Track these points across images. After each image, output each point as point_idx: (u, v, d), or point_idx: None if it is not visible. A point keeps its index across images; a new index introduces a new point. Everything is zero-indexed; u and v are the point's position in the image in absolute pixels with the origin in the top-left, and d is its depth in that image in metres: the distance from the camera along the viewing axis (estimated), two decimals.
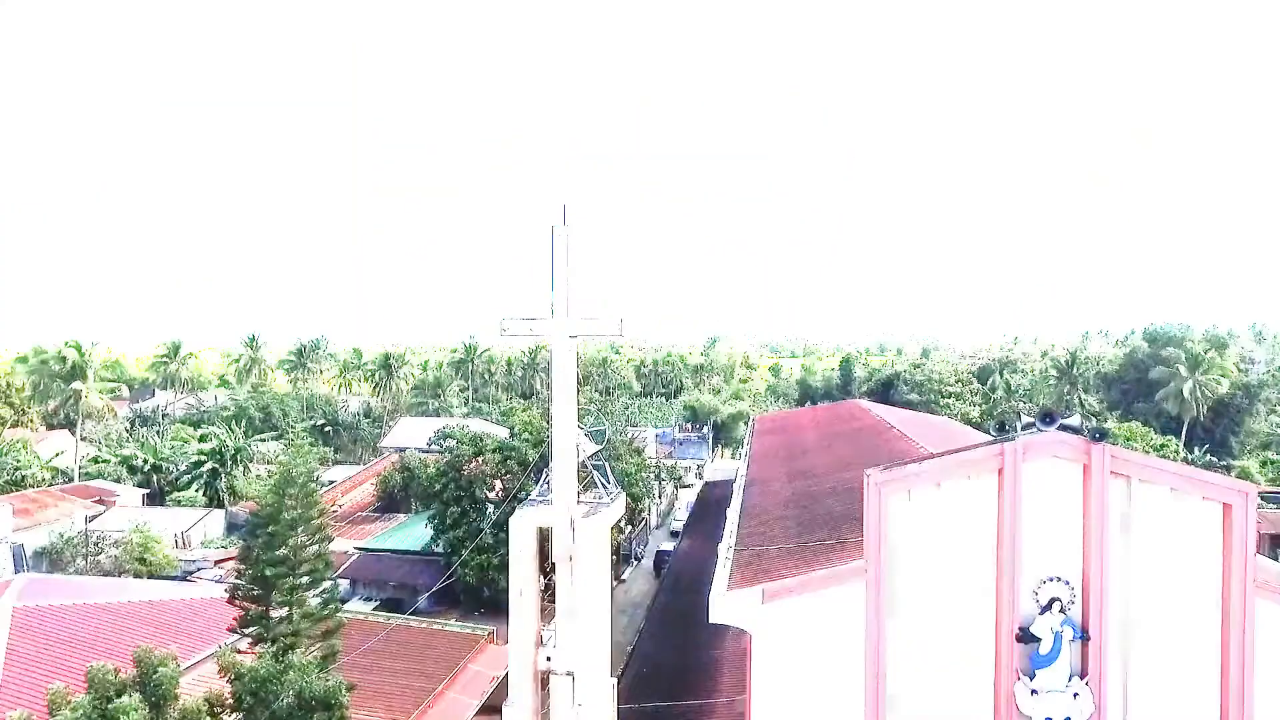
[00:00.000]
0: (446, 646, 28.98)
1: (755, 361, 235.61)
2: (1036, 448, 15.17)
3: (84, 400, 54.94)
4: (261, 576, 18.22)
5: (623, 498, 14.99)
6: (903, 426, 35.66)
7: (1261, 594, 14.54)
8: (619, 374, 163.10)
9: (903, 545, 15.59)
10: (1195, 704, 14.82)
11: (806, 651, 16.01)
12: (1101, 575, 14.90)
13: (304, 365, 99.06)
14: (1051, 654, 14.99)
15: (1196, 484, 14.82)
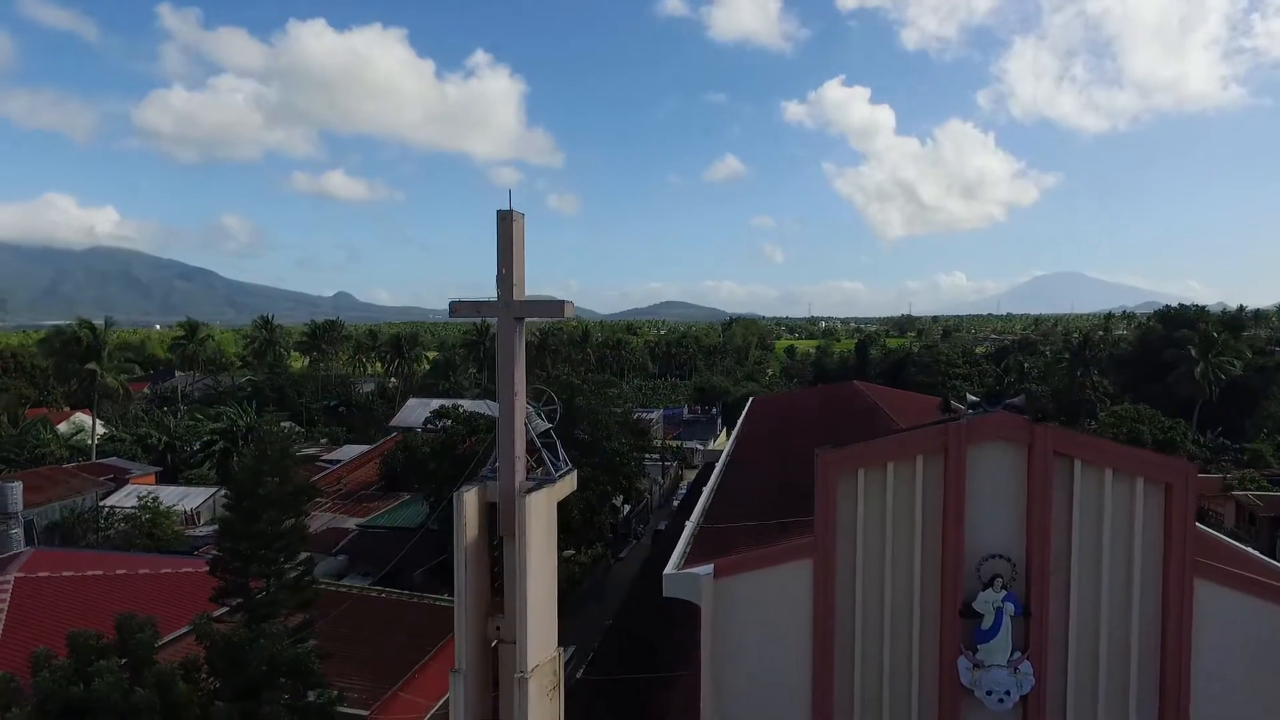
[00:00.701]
0: (435, 620, 29.71)
1: (773, 343, 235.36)
2: (981, 429, 15.40)
3: (99, 380, 56.48)
4: (238, 549, 18.99)
5: (573, 474, 15.43)
6: (893, 409, 35.77)
7: (1200, 575, 14.70)
8: (633, 355, 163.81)
9: (852, 523, 15.93)
10: (1136, 681, 15.07)
11: (756, 626, 16.46)
12: (1044, 553, 15.15)
13: (318, 346, 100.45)
14: (993, 629, 15.30)
15: (1138, 465, 14.97)
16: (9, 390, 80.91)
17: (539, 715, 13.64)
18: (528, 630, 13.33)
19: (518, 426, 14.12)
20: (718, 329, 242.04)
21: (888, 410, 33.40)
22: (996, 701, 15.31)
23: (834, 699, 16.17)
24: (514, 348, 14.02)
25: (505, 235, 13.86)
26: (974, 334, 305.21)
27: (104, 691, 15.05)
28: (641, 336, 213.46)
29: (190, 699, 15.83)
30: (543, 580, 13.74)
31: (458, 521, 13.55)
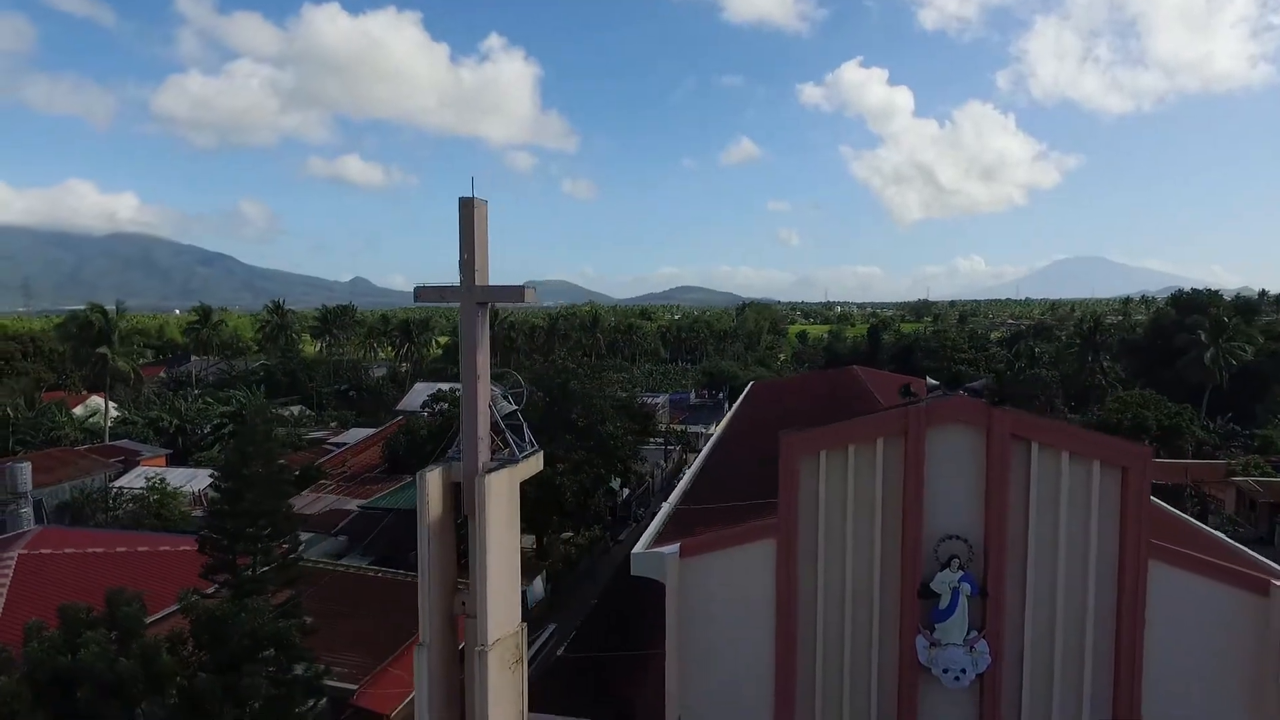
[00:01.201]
0: None
1: (786, 328, 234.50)
2: (940, 412, 15.61)
3: (111, 364, 57.59)
4: (224, 527, 19.59)
5: (538, 456, 15.78)
6: (885, 394, 35.85)
7: (1154, 556, 14.88)
8: (645, 340, 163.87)
9: (814, 504, 16.23)
10: (1091, 659, 15.31)
11: (721, 604, 16.86)
12: (1001, 535, 15.40)
13: (330, 331, 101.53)
14: (949, 609, 15.59)
15: (1095, 448, 15.13)
16: (27, 374, 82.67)
17: (500, 687, 14.09)
18: (488, 605, 13.75)
19: (481, 409, 14.49)
20: (731, 314, 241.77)
21: (878, 395, 33.57)
22: (953, 679, 15.63)
23: (796, 674, 16.56)
24: (476, 332, 14.36)
25: (467, 222, 14.15)
26: (991, 319, 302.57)
27: (90, 661, 15.68)
28: (655, 321, 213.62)
29: (173, 670, 16.44)
30: (503, 557, 14.14)
31: (420, 500, 13.97)
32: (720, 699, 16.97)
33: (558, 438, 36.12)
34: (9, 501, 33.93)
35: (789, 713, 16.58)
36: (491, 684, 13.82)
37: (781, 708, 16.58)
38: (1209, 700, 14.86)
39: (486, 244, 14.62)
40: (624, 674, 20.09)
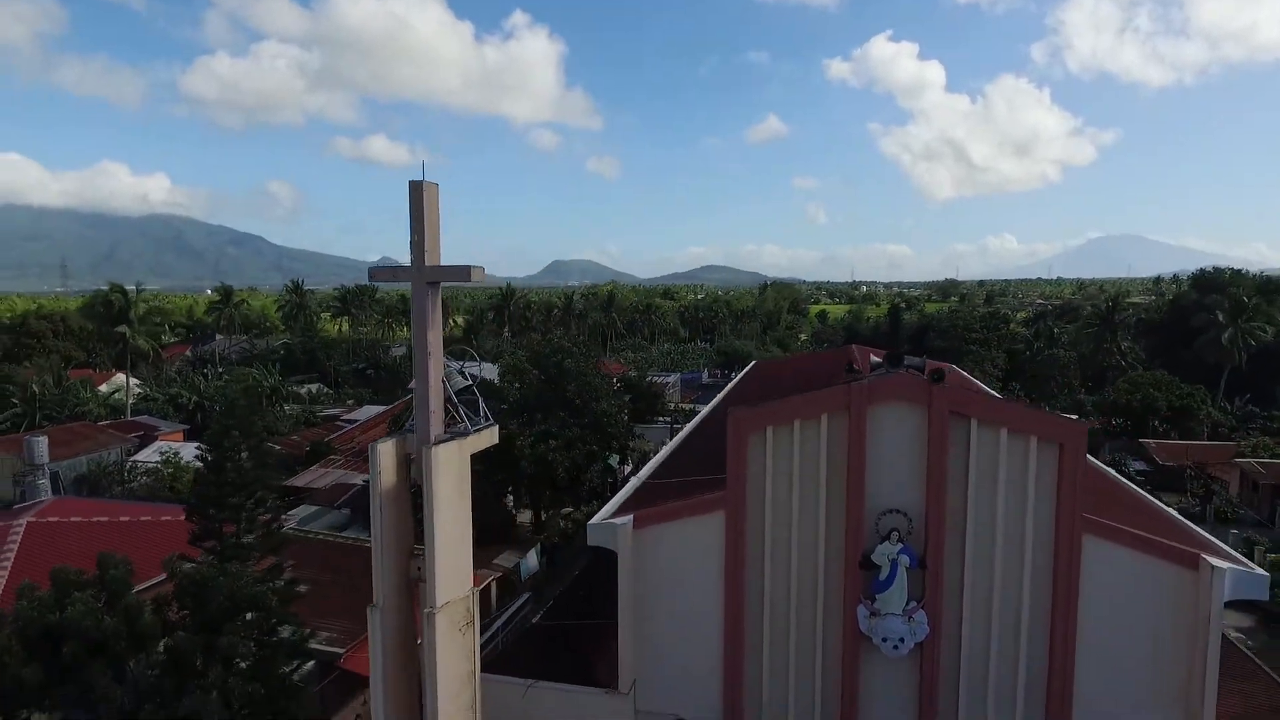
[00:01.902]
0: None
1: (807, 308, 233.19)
2: (881, 389, 15.97)
3: (131, 342, 59.39)
4: (209, 496, 20.59)
5: (492, 429, 16.43)
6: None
7: (1089, 531, 15.19)
8: (664, 319, 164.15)
9: (762, 478, 16.73)
10: (1027, 630, 15.70)
11: (673, 573, 17.49)
12: (940, 509, 15.78)
13: (348, 310, 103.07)
14: (888, 580, 16.05)
15: (1032, 424, 15.41)
16: (55, 352, 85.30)
17: (450, 647, 14.85)
18: (435, 569, 14.49)
19: (432, 384, 15.14)
20: (754, 294, 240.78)
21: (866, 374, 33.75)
22: (891, 648, 16.14)
23: (745, 642, 17.17)
24: (427, 310, 14.98)
25: (417, 204, 14.71)
26: (1020, 298, 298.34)
27: (76, 619, 16.73)
28: (678, 300, 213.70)
29: (155, 628, 17.44)
30: (452, 524, 14.83)
31: (373, 470, 14.69)
32: (672, 665, 17.64)
33: (552, 415, 36.86)
34: (27, 473, 35.51)
35: (738, 679, 17.21)
36: (440, 644, 14.59)
37: (730, 674, 17.21)
38: (1142, 672, 15.19)
39: (438, 225, 15.20)
40: (591, 641, 20.80)
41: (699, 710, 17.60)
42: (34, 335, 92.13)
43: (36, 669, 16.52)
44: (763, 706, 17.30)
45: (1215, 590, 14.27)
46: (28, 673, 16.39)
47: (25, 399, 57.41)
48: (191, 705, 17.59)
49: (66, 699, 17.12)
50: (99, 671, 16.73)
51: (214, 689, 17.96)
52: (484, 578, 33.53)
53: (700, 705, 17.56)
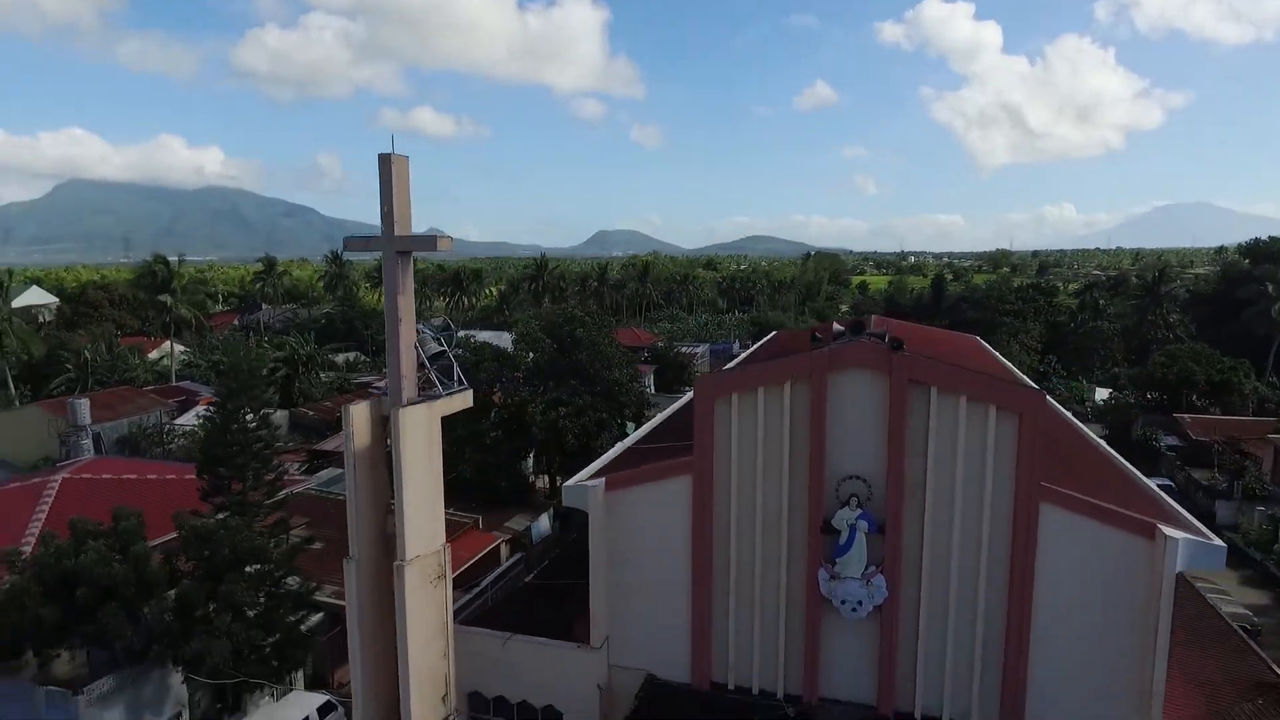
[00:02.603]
0: None
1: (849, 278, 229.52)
2: (843, 357, 16.14)
3: (173, 311, 61.90)
4: (214, 454, 21.81)
5: (466, 393, 17.10)
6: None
7: (1045, 499, 15.24)
8: (701, 290, 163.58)
9: (729, 443, 17.09)
10: (984, 596, 15.88)
11: (644, 533, 18.04)
12: (900, 476, 15.97)
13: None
14: (847, 545, 16.36)
15: (991, 393, 15.44)
16: (111, 320, 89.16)
17: (420, 598, 15.70)
18: (405, 525, 15.30)
19: (403, 350, 15.82)
20: (798, 264, 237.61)
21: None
22: (850, 610, 16.49)
23: (712, 602, 17.70)
24: (397, 278, 15.62)
25: (386, 176, 15.30)
26: (1075, 269, 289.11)
27: (89, 565, 18.10)
28: (720, 271, 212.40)
29: (161, 576, 18.74)
30: (421, 482, 15.59)
31: (346, 431, 15.50)
32: (644, 623, 18.27)
33: (563, 383, 37.55)
34: (71, 433, 37.68)
35: (705, 638, 17.77)
36: (411, 595, 15.45)
37: (698, 633, 17.78)
38: (1098, 636, 15.27)
39: (408, 197, 15.78)
40: (578, 599, 21.57)
41: (669, 667, 18.24)
42: (91, 304, 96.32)
43: (55, 610, 17.96)
44: (729, 665, 17.86)
45: (1168, 560, 14.26)
46: (46, 613, 17.83)
47: (78, 365, 60.42)
48: (198, 647, 18.93)
49: (84, 638, 18.57)
50: (110, 614, 18.08)
51: (220, 633, 19.26)
52: (495, 539, 34.70)
53: (670, 663, 18.19)
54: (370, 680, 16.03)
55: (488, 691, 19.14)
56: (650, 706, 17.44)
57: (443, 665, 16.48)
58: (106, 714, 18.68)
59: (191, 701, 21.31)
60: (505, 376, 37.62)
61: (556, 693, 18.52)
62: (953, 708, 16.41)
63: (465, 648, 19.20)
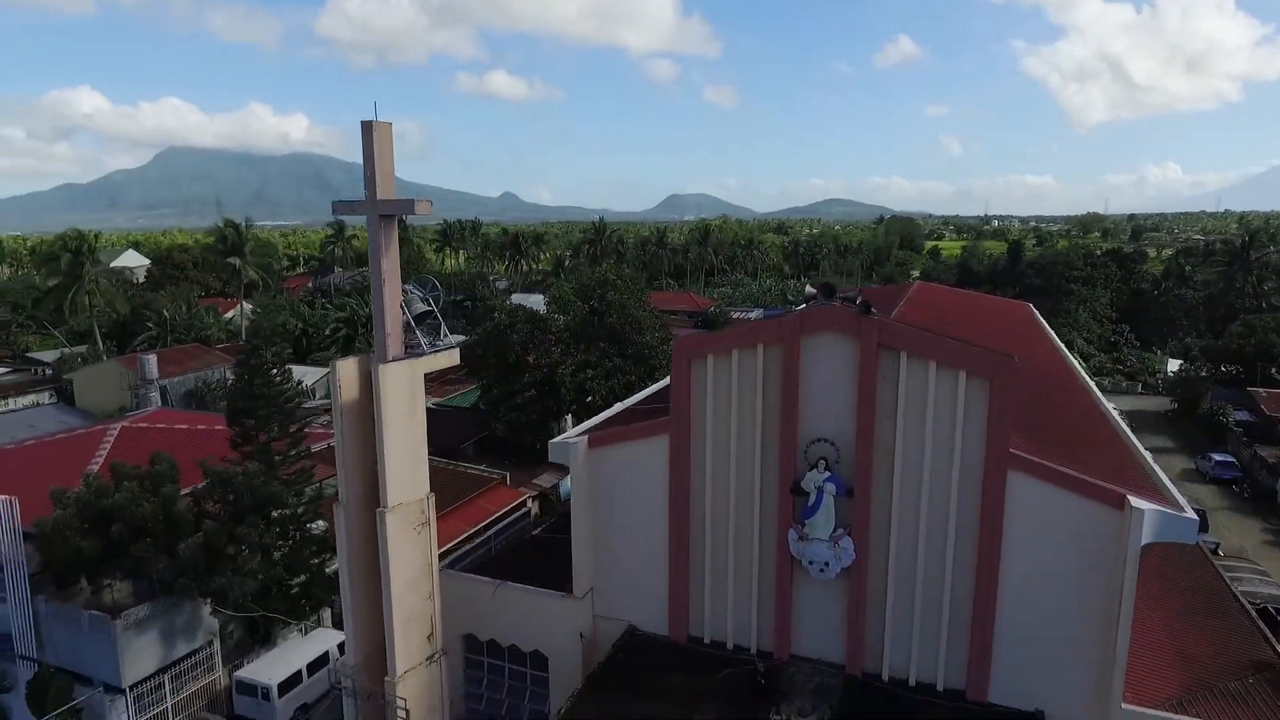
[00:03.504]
0: (464, 484, 33.97)
1: (922, 243, 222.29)
2: (814, 320, 16.14)
3: (243, 273, 65.37)
4: (240, 406, 23.39)
5: (451, 352, 17.85)
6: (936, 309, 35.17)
7: (1014, 467, 15.02)
8: (767, 255, 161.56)
9: (705, 404, 17.38)
10: (952, 561, 15.84)
11: (624, 492, 18.60)
12: (869, 439, 15.98)
13: (449, 244, 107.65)
14: (814, 507, 16.51)
15: (961, 359, 15.21)
16: (195, 282, 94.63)
17: (402, 543, 16.69)
18: (386, 474, 16.25)
19: (387, 309, 16.63)
20: (872, 228, 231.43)
21: (903, 310, 33.13)
22: (818, 571, 16.70)
23: (689, 559, 18.17)
24: (380, 240, 16.38)
25: (369, 143, 15.99)
26: (1174, 234, 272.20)
27: (122, 503, 19.87)
28: (792, 235, 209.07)
29: (186, 515, 20.38)
30: (401, 435, 16.45)
31: (333, 385, 16.46)
32: (626, 577, 18.91)
33: (594, 345, 38.23)
34: (140, 386, 40.63)
35: (682, 593, 18.29)
36: (392, 539, 16.46)
37: (675, 588, 18.31)
38: (1064, 607, 15.07)
39: (390, 162, 16.47)
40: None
41: (650, 620, 18.87)
42: (177, 266, 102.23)
43: (95, 543, 19.84)
44: (705, 620, 18.36)
45: (1133, 531, 13.93)
46: (86, 545, 19.71)
47: (159, 323, 64.62)
48: (222, 583, 20.60)
49: (120, 569, 20.45)
50: (142, 549, 19.84)
51: (243, 571, 20.90)
52: (521, 495, 35.94)
53: (651, 616, 18.81)
54: (360, 618, 17.22)
55: (481, 635, 20.19)
56: (625, 655, 18.13)
57: (428, 607, 17.52)
58: (141, 638, 20.60)
59: (224, 632, 23.20)
60: (537, 338, 38.55)
61: (543, 639, 19.41)
62: (920, 670, 16.51)
63: (460, 593, 20.30)
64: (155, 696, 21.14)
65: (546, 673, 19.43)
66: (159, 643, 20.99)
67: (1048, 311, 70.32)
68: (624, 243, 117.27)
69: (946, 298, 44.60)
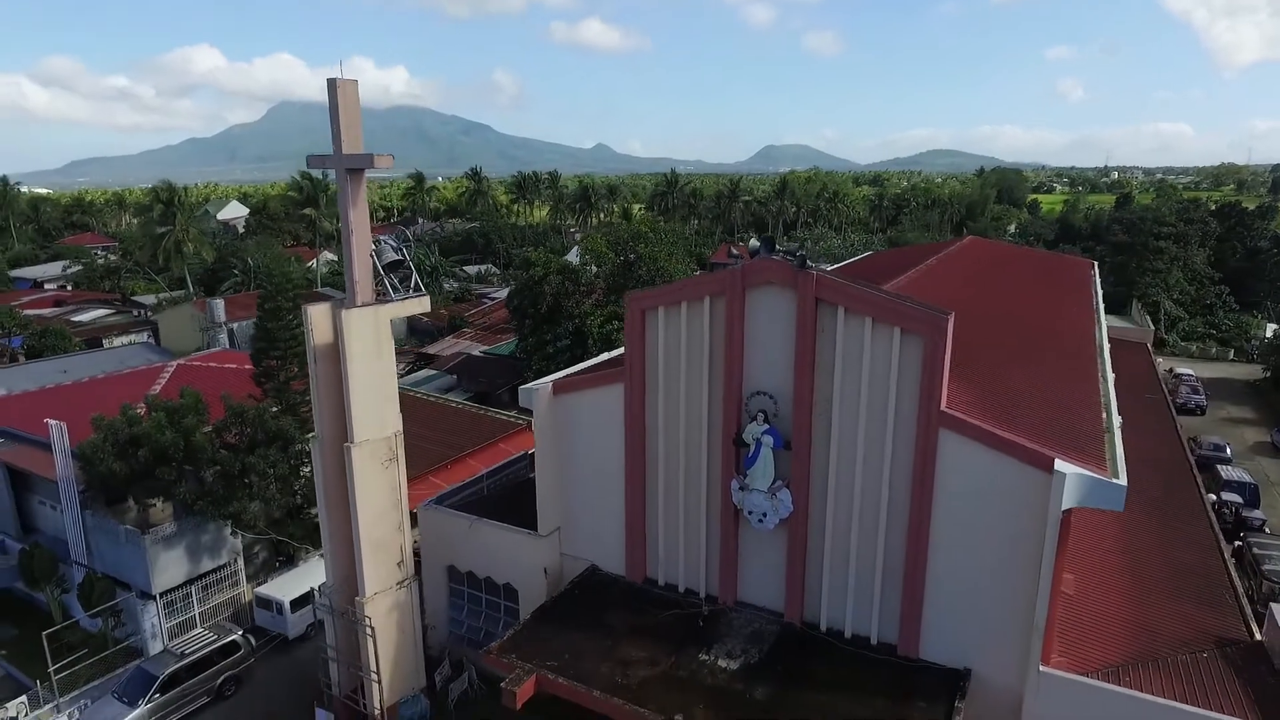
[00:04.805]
0: (489, 427, 35.45)
1: (1023, 197, 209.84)
2: (754, 273, 16.19)
3: (318, 223, 68.80)
4: (260, 347, 25.29)
5: (420, 299, 18.77)
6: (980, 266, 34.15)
7: (945, 425, 14.82)
8: (851, 208, 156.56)
9: (657, 355, 17.79)
10: (886, 517, 15.87)
11: (586, 438, 19.34)
12: (807, 394, 16.06)
13: (524, 196, 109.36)
14: (753, 458, 16.76)
15: (895, 315, 15.00)
16: (286, 231, 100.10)
17: (369, 476, 17.92)
18: (351, 412, 17.46)
19: (356, 258, 17.65)
20: (973, 181, 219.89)
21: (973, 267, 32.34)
22: (757, 521, 17.05)
23: (644, 501, 18.83)
24: (348, 193, 17.32)
25: (334, 100, 16.85)
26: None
27: (148, 431, 22.03)
28: (890, 189, 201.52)
29: (204, 444, 22.39)
30: (367, 376, 17.53)
31: (306, 329, 17.68)
32: (589, 519, 19.75)
33: (623, 297, 38.73)
34: (209, 328, 43.96)
35: (640, 535, 19.00)
36: (358, 472, 17.73)
37: (633, 530, 19.02)
38: (993, 563, 14.89)
39: (356, 118, 17.31)
40: None
41: (610, 561, 19.71)
42: (271, 217, 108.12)
43: (124, 465, 22.10)
44: (660, 564, 19.03)
45: (1054, 494, 13.62)
46: (117, 467, 21.99)
47: (244, 270, 69.04)
48: (237, 507, 22.66)
49: (145, 490, 22.76)
50: (164, 473, 22.02)
51: (257, 497, 22.91)
52: None
53: (612, 557, 19.64)
54: (335, 544, 18.72)
55: (461, 566, 21.53)
56: (580, 592, 19.06)
57: (396, 537, 18.83)
58: (170, 552, 22.97)
59: (251, 553, 25.49)
60: (569, 289, 39.34)
61: (513, 572, 20.55)
62: (855, 623, 16.73)
63: (442, 528, 21.68)
64: (183, 604, 23.64)
65: (517, 603, 20.63)
66: (186, 557, 23.36)
67: (1133, 270, 65.86)
68: (697, 195, 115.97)
69: (992, 253, 42.74)
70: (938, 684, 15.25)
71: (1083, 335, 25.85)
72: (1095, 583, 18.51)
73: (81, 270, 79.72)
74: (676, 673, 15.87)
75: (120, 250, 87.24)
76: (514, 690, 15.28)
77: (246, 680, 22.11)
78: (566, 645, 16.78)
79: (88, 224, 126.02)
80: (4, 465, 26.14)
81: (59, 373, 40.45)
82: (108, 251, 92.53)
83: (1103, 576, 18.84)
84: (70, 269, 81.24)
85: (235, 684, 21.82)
